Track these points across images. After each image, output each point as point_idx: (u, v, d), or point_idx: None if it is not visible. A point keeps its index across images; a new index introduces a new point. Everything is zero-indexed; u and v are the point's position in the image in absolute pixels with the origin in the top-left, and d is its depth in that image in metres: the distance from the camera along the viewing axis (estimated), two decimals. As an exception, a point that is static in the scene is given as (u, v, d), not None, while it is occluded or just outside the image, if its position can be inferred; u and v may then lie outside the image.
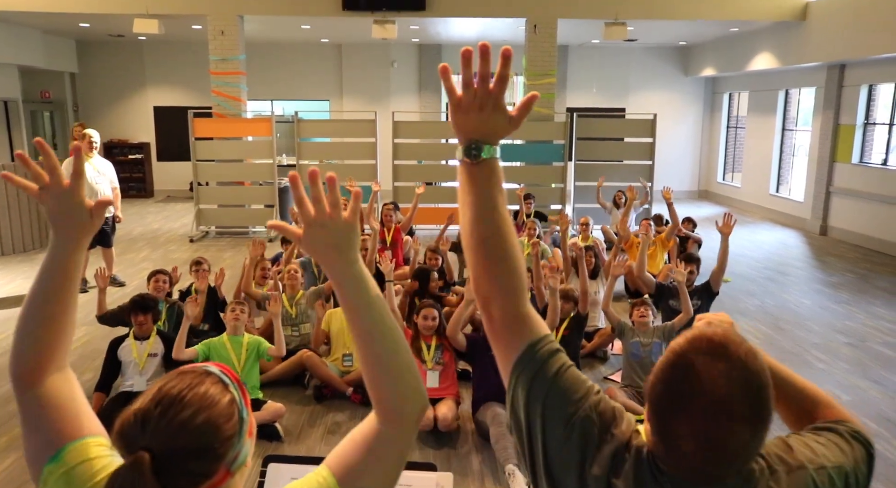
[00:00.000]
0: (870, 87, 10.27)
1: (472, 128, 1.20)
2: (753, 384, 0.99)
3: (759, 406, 0.99)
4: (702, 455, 0.99)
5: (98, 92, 14.67)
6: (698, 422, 0.98)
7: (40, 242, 9.52)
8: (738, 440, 0.98)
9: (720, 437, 0.97)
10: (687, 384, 0.99)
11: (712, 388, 0.97)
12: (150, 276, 5.25)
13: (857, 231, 10.34)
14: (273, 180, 10.67)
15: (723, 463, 1.00)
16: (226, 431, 0.98)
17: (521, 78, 12.71)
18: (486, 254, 1.16)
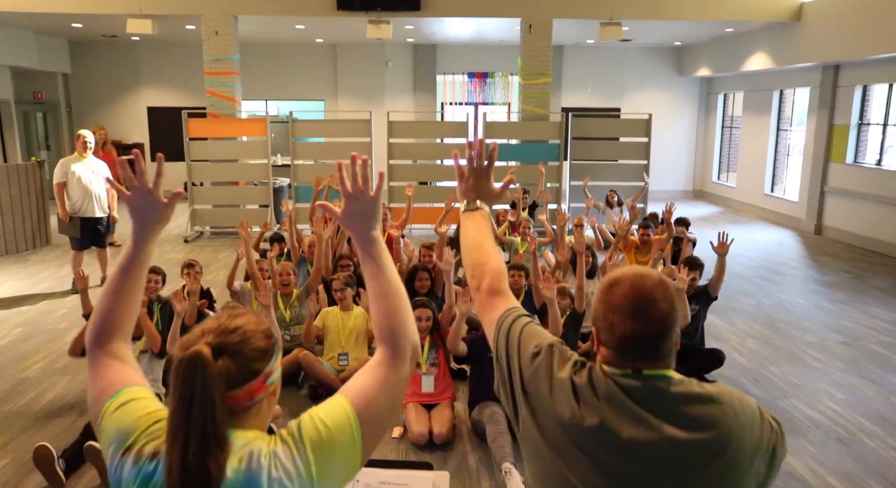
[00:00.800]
0: (864, 87, 10.30)
1: (470, 191, 1.80)
2: (666, 282, 1.39)
3: (670, 294, 1.38)
4: (634, 323, 1.35)
5: (91, 92, 14.61)
6: (630, 300, 1.36)
7: (33, 243, 9.47)
8: (659, 309, 1.35)
9: (645, 305, 1.35)
10: (619, 287, 1.39)
11: (640, 283, 1.38)
12: None
13: (851, 230, 10.36)
14: (268, 180, 10.63)
15: (652, 328, 1.35)
16: (265, 345, 1.25)
17: (517, 77, 12.72)
18: (477, 255, 1.70)
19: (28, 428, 4.21)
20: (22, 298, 7.09)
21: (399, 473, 2.20)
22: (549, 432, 1.39)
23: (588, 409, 1.34)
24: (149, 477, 1.16)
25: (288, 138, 10.78)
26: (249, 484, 1.13)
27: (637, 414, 1.32)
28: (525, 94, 10.85)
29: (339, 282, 4.96)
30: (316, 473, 1.19)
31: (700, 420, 1.30)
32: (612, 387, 1.35)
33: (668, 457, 1.29)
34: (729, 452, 1.29)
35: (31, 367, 5.21)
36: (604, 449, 1.32)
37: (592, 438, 1.33)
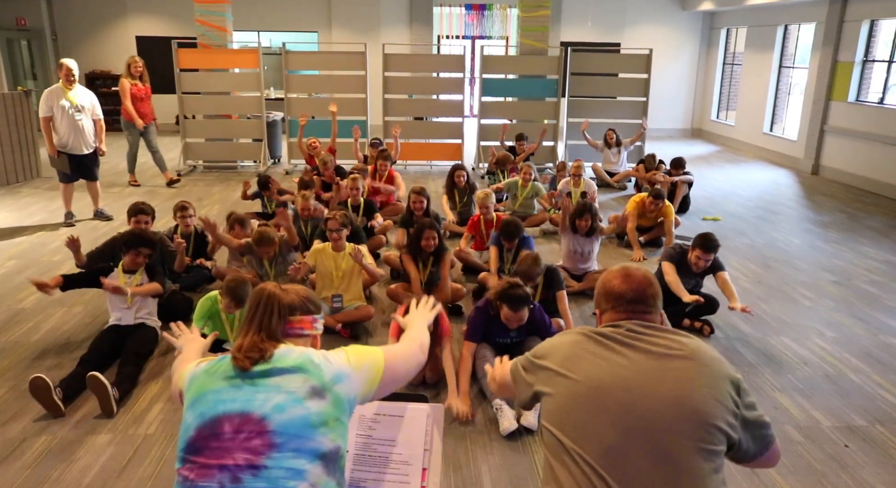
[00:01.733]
0: (871, 22, 10.06)
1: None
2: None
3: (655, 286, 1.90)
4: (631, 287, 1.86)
5: (77, 19, 14.17)
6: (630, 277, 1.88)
7: (24, 175, 9.37)
8: (649, 279, 1.88)
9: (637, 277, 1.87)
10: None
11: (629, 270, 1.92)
12: (131, 215, 5.07)
13: (848, 170, 10.32)
14: (261, 114, 10.46)
15: (646, 290, 1.86)
16: (315, 301, 1.86)
17: (515, 10, 12.36)
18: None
19: (26, 358, 4.25)
20: (15, 230, 7.05)
21: (394, 405, 2.23)
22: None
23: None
24: (216, 364, 1.68)
25: (281, 71, 10.55)
26: (304, 356, 1.67)
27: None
28: (523, 27, 10.57)
29: (335, 222, 4.82)
30: (354, 362, 1.74)
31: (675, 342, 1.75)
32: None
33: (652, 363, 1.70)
34: (699, 358, 1.69)
35: (27, 299, 5.22)
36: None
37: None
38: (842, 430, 3.60)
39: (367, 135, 10.58)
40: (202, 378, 1.65)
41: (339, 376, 1.65)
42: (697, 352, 1.69)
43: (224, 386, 1.59)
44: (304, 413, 1.55)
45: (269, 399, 1.55)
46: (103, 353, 4.06)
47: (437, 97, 11.38)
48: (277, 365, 1.62)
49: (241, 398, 1.56)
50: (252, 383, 1.58)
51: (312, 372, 1.62)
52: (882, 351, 4.59)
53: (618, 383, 1.65)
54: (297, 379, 1.59)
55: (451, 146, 10.90)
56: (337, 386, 1.63)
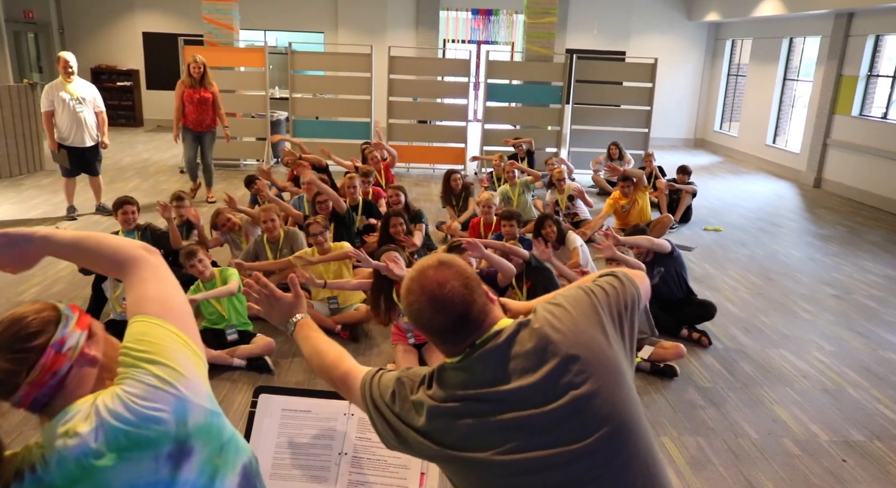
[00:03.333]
0: (876, 37, 10.08)
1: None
2: (447, 261, 1.46)
3: (458, 270, 1.45)
4: (435, 316, 1.43)
5: (84, 14, 14.19)
6: (428, 302, 1.44)
7: (27, 168, 9.37)
8: (454, 290, 1.43)
9: (441, 294, 1.43)
10: (412, 296, 1.47)
11: (427, 285, 1.44)
12: (117, 207, 5.03)
13: (850, 184, 10.33)
14: (265, 113, 10.46)
15: (459, 309, 1.42)
16: (37, 320, 1.18)
17: (522, 16, 12.39)
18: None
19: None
20: (16, 223, 7.05)
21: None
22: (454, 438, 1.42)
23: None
24: None
25: (286, 70, 10.56)
26: (100, 430, 1.11)
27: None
28: (529, 34, 10.59)
29: (317, 226, 4.81)
30: (166, 372, 1.18)
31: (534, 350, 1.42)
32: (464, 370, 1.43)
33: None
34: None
35: (27, 292, 5.22)
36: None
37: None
38: (839, 445, 3.60)
39: (371, 136, 10.61)
40: None
41: (181, 411, 1.16)
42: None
43: None
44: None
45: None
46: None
47: (441, 101, 11.39)
48: (97, 461, 1.10)
49: None
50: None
51: (148, 439, 1.12)
52: (881, 366, 4.58)
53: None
54: (140, 463, 1.12)
55: (454, 150, 10.91)
56: (190, 422, 1.17)
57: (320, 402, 2.17)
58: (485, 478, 1.38)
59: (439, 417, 1.41)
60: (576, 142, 10.98)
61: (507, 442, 1.35)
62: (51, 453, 1.11)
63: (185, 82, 7.94)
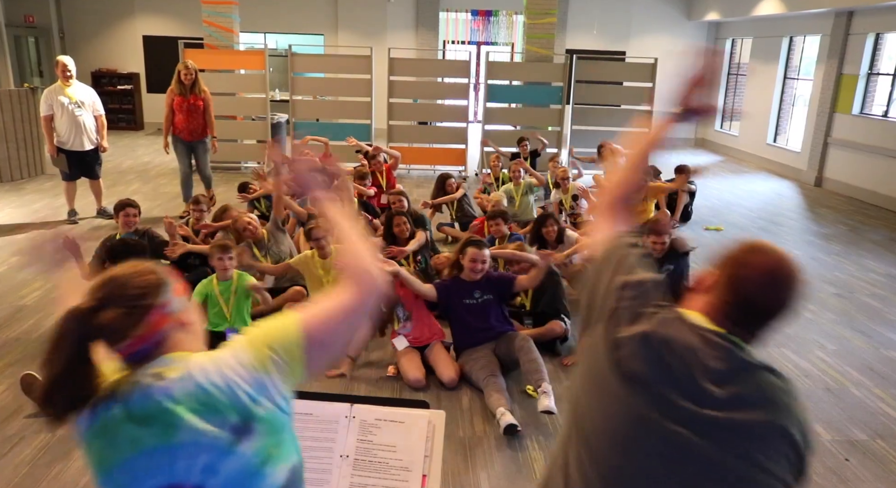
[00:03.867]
0: (877, 35, 10.07)
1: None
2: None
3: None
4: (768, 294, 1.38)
5: (84, 18, 14.22)
6: (774, 273, 1.38)
7: (28, 172, 9.38)
8: (795, 293, 1.40)
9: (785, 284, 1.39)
10: (762, 254, 1.41)
11: (787, 262, 1.40)
12: (118, 209, 5.00)
13: (851, 183, 10.32)
14: (266, 115, 10.47)
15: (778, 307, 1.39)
16: (146, 282, 1.30)
17: (521, 17, 12.39)
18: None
19: (26, 355, 4.25)
20: (18, 227, 7.06)
21: (395, 410, 2.22)
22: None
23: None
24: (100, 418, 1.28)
25: (287, 73, 10.57)
26: (196, 384, 1.24)
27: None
28: (529, 34, 10.59)
29: (320, 230, 4.67)
30: (260, 357, 1.30)
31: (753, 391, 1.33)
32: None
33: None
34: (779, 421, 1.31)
35: (29, 296, 5.22)
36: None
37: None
38: (842, 444, 3.59)
39: (371, 138, 10.60)
40: (100, 451, 1.27)
41: (255, 394, 1.27)
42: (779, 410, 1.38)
43: (129, 453, 1.23)
44: (240, 463, 1.23)
45: (193, 463, 1.21)
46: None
47: (441, 102, 11.39)
48: (174, 406, 1.22)
49: (157, 468, 1.22)
50: (163, 444, 1.22)
51: (222, 404, 1.23)
52: (883, 364, 4.58)
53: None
54: (209, 422, 1.22)
55: (454, 151, 10.91)
56: (260, 406, 1.26)
57: (321, 405, 2.17)
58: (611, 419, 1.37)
59: (642, 349, 1.35)
60: (576, 142, 10.96)
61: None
62: (137, 388, 1.24)
63: (175, 90, 7.46)
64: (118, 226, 5.07)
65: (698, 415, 1.28)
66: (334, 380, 4.07)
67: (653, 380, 1.31)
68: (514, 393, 3.95)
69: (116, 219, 5.07)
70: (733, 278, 1.38)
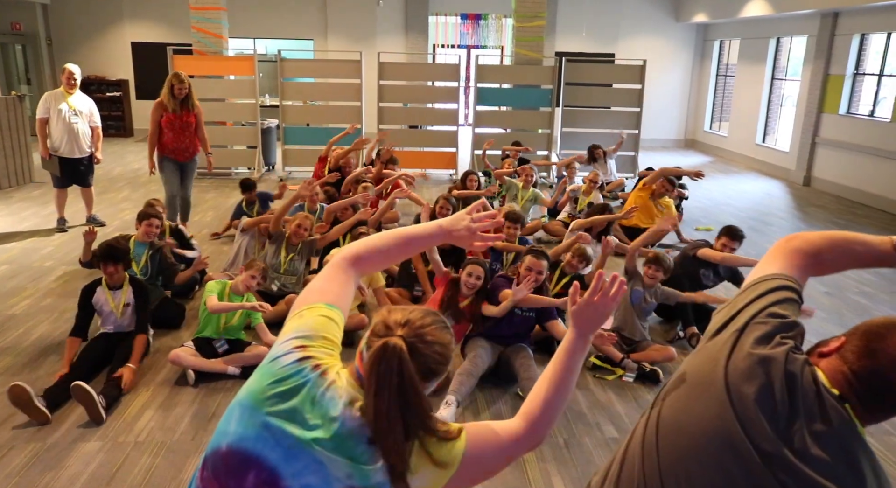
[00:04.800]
0: (862, 36, 10.16)
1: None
2: None
3: None
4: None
5: (72, 25, 14.15)
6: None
7: (16, 180, 9.32)
8: None
9: None
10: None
11: None
12: (142, 219, 4.96)
13: (839, 182, 10.39)
14: (256, 121, 10.46)
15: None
16: (446, 359, 1.39)
17: (511, 20, 12.42)
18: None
19: (15, 364, 4.22)
20: (6, 236, 7.01)
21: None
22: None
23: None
24: (305, 377, 1.35)
25: (276, 78, 10.56)
26: (360, 441, 1.30)
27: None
28: (518, 37, 10.63)
29: (366, 235, 4.83)
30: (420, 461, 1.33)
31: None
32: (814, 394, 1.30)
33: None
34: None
35: (18, 305, 5.19)
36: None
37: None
38: (833, 441, 3.61)
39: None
40: (266, 375, 1.37)
41: (383, 484, 1.29)
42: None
43: (274, 422, 1.31)
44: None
45: (303, 474, 1.27)
46: (93, 360, 4.04)
47: (431, 106, 11.40)
48: (337, 439, 1.29)
49: (278, 453, 1.28)
50: (302, 443, 1.29)
51: (358, 468, 1.27)
52: (873, 362, 4.60)
53: None
54: (342, 466, 1.27)
55: (445, 155, 10.92)
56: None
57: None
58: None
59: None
60: (566, 144, 11.01)
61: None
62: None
63: (166, 105, 6.64)
64: (139, 232, 4.97)
65: (784, 457, 1.24)
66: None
67: (754, 404, 1.28)
68: (509, 395, 3.96)
69: (138, 226, 5.00)
70: (867, 349, 1.29)
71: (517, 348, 4.13)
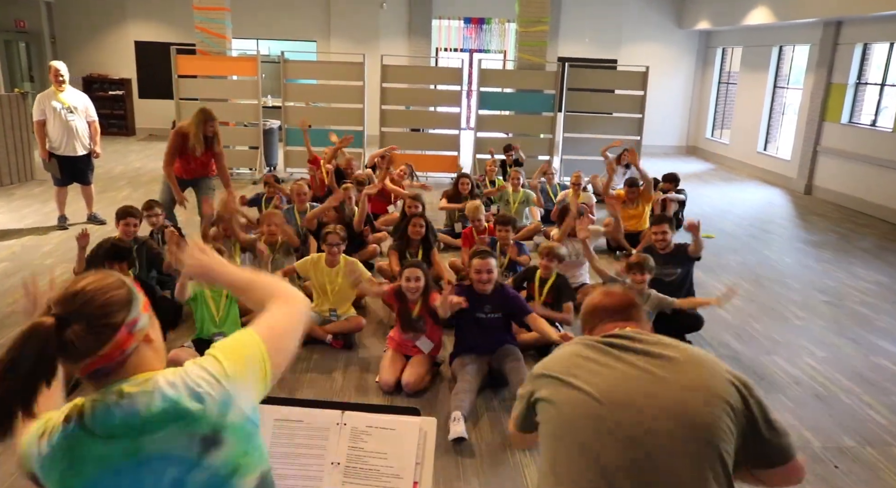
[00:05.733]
0: (864, 45, 10.18)
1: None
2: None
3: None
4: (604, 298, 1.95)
5: (76, 23, 14.17)
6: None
7: (18, 177, 9.33)
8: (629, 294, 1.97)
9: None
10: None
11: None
12: (120, 218, 4.99)
13: (841, 191, 10.40)
14: (258, 121, 10.46)
15: (629, 301, 1.93)
16: (116, 298, 1.26)
17: (514, 25, 12.45)
18: None
19: (15, 362, 4.21)
20: (7, 233, 7.01)
21: (386, 418, 2.22)
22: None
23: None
24: (55, 440, 1.24)
25: (279, 79, 10.57)
26: (165, 398, 1.23)
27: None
28: (521, 42, 10.64)
29: (335, 237, 4.75)
30: (232, 370, 1.31)
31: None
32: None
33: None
34: (698, 360, 1.64)
35: (18, 302, 5.19)
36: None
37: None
38: (832, 451, 3.61)
39: (363, 145, 10.61)
40: (58, 469, 1.22)
41: (224, 404, 1.27)
42: (696, 356, 1.65)
43: (97, 470, 1.21)
44: (209, 474, 1.24)
45: (160, 478, 1.21)
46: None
47: (434, 109, 11.41)
48: (140, 421, 1.21)
49: (126, 484, 1.21)
50: (129, 456, 1.20)
51: (191, 416, 1.23)
52: (872, 371, 4.60)
53: (621, 396, 1.59)
54: (177, 435, 1.22)
55: (447, 158, 10.93)
56: (229, 417, 1.27)
57: (312, 412, 2.16)
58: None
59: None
60: (568, 150, 11.02)
61: None
62: (101, 406, 1.22)
63: (194, 144, 6.12)
64: (118, 232, 5.02)
65: None
66: (325, 388, 4.06)
67: None
68: (506, 400, 3.96)
69: (117, 224, 5.03)
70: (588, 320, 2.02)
71: (504, 352, 4.06)
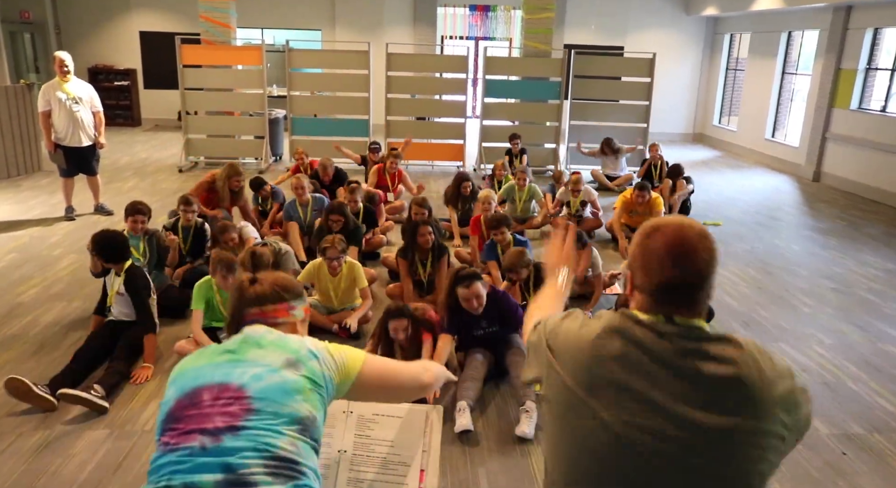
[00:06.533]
0: (875, 30, 10.06)
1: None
2: (708, 234, 1.36)
3: (711, 245, 1.34)
4: (673, 270, 1.33)
5: (81, 14, 14.16)
6: (671, 248, 1.34)
7: (25, 169, 9.36)
8: (700, 258, 1.33)
9: (689, 252, 1.33)
10: (660, 233, 1.37)
11: (682, 232, 1.35)
12: (128, 215, 4.98)
13: (849, 178, 10.32)
14: (263, 111, 10.45)
15: (694, 276, 1.33)
16: (291, 289, 1.87)
17: (519, 12, 12.36)
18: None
19: (24, 352, 4.24)
20: (15, 224, 7.04)
21: (393, 406, 2.23)
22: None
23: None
24: (201, 351, 1.76)
25: (284, 68, 10.54)
26: (280, 337, 1.74)
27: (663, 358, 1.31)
28: (527, 29, 10.57)
29: (334, 251, 4.58)
30: (332, 348, 1.78)
31: (722, 359, 1.29)
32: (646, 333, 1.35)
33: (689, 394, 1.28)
34: (746, 389, 1.27)
35: (26, 293, 5.21)
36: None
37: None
38: (839, 438, 3.60)
39: (369, 134, 10.59)
40: (184, 362, 1.72)
41: (312, 353, 1.71)
42: (749, 379, 1.28)
43: (203, 363, 1.67)
44: (280, 380, 1.61)
45: (247, 371, 1.62)
46: (97, 348, 4.04)
47: (439, 97, 11.37)
48: (254, 344, 1.70)
49: (219, 372, 1.62)
50: (230, 360, 1.65)
51: (287, 348, 1.69)
52: (880, 359, 4.58)
53: (640, 442, 1.29)
54: (273, 353, 1.67)
55: (453, 146, 10.90)
56: (311, 361, 1.68)
57: (319, 400, 2.17)
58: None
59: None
60: (574, 137, 10.96)
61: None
62: (249, 329, 1.77)
63: (221, 197, 6.42)
64: (126, 227, 5.00)
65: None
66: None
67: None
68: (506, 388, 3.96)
69: (126, 220, 5.03)
70: (639, 266, 1.42)
71: (507, 345, 4.07)
